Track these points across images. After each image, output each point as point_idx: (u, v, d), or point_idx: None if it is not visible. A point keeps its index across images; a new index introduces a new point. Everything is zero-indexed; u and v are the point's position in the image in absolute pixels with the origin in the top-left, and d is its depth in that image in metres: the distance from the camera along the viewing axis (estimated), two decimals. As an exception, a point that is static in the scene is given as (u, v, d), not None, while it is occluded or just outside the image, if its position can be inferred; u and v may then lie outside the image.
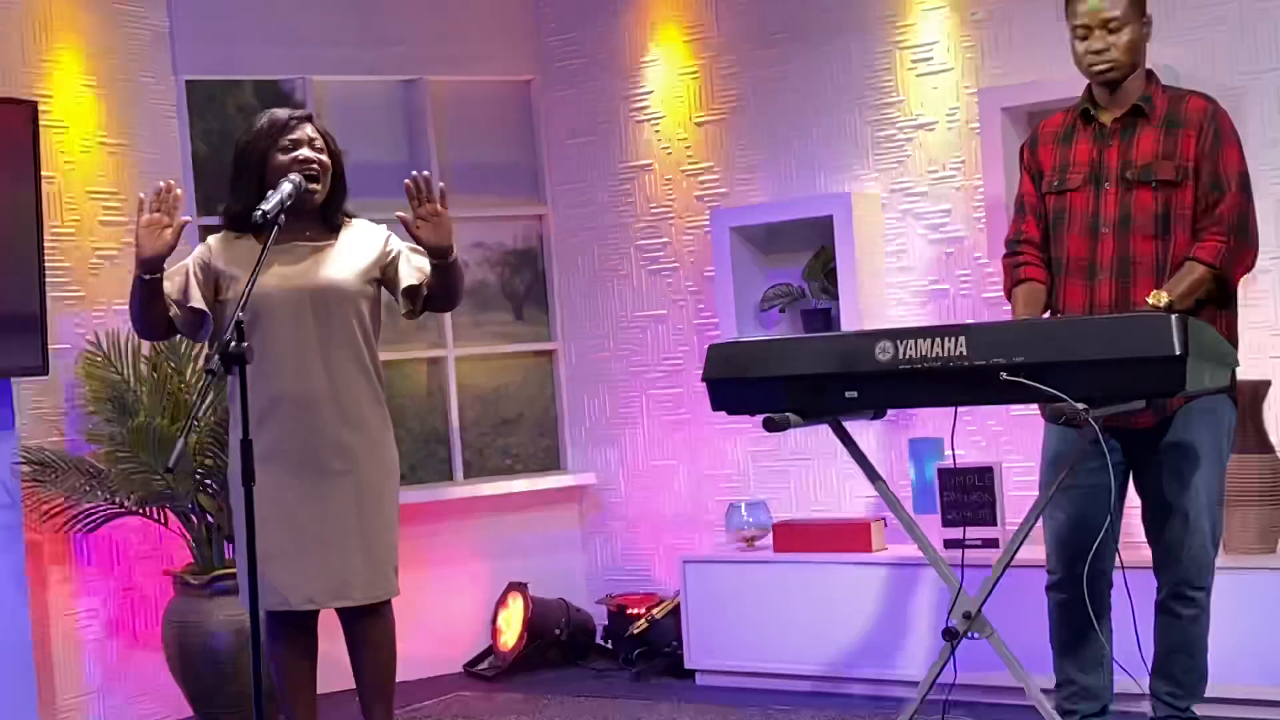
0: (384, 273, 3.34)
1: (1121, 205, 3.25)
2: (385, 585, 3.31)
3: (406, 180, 3.13)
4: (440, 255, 3.22)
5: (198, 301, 3.21)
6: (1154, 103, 3.28)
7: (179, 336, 3.50)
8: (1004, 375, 2.84)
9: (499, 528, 5.51)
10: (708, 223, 5.26)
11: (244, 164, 3.26)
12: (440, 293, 3.30)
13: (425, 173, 3.15)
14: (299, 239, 3.27)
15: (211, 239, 3.31)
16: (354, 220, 3.38)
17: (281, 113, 3.29)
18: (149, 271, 3.09)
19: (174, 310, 3.22)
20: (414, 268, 3.34)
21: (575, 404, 5.67)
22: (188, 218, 3.16)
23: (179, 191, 3.10)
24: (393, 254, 3.36)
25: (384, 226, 3.39)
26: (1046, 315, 3.38)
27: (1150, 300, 3.14)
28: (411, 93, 5.55)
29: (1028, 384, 2.81)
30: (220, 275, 3.24)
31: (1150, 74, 3.33)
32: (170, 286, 3.23)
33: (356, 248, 3.33)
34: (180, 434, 2.68)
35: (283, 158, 3.22)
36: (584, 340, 5.65)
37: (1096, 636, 3.35)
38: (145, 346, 4.59)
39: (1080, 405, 2.77)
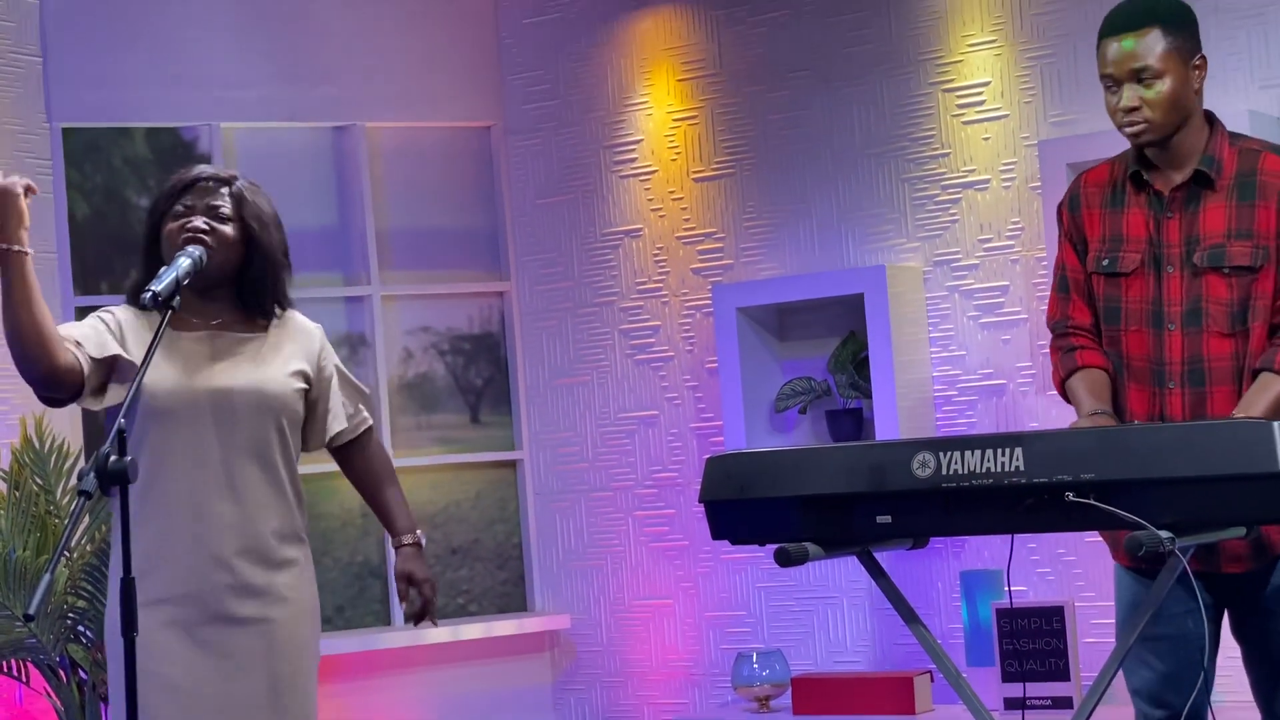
0: (310, 388, 3.36)
1: (1189, 295, 3.22)
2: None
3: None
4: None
5: (114, 348, 3.20)
6: (1221, 164, 3.23)
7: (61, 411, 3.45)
8: (1069, 496, 2.85)
9: (449, 684, 5.49)
10: (709, 302, 5.30)
11: (146, 231, 3.32)
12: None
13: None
14: (212, 325, 3.29)
15: (119, 309, 3.31)
16: (289, 313, 3.39)
17: (195, 171, 3.33)
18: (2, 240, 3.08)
19: (82, 361, 3.17)
20: (342, 401, 3.41)
21: (545, 528, 5.68)
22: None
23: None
24: (326, 370, 3.39)
25: (319, 327, 3.42)
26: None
27: None
28: (343, 142, 5.62)
29: (1098, 507, 2.82)
30: (120, 356, 3.23)
31: (1213, 122, 3.28)
32: (77, 332, 3.21)
33: (290, 346, 3.34)
34: (46, 569, 2.67)
35: (171, 225, 3.26)
36: (556, 448, 5.66)
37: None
38: (4, 459, 4.59)
39: (1164, 533, 2.79)
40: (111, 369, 3.19)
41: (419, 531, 3.49)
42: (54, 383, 3.12)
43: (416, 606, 3.45)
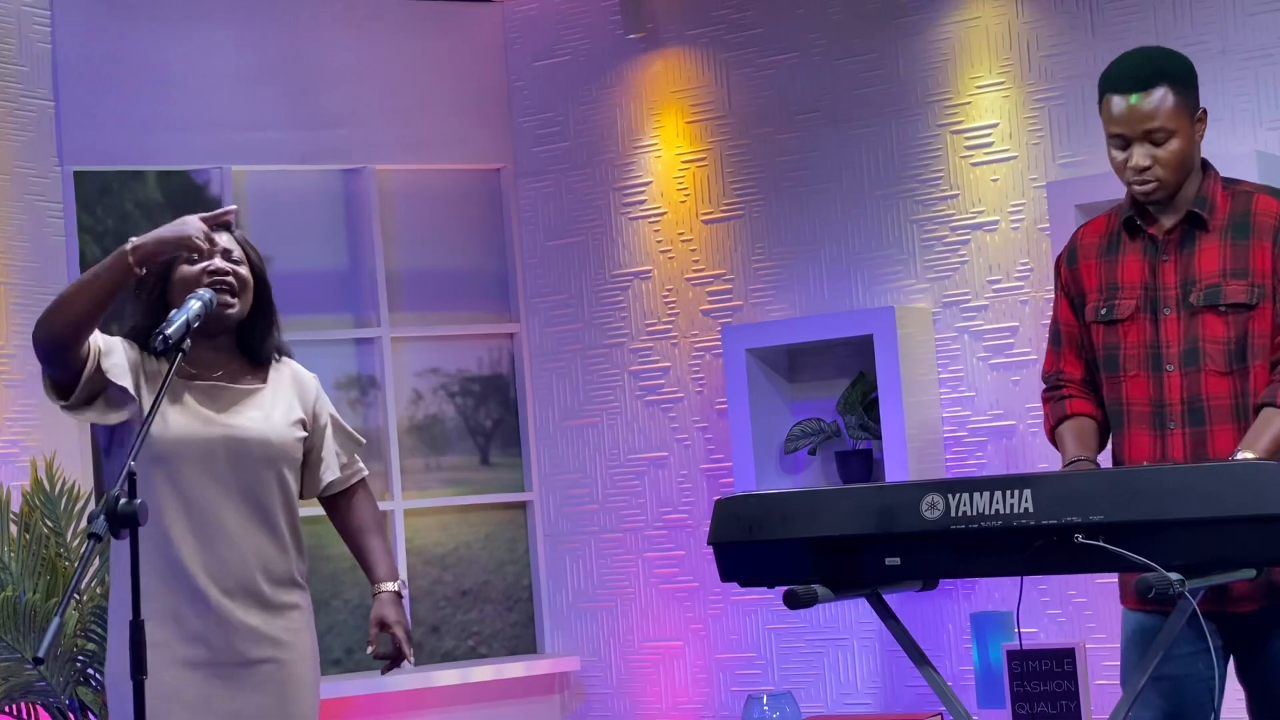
0: (308, 435, 3.39)
1: (1187, 335, 3.23)
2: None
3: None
4: None
5: (128, 382, 3.20)
6: (1214, 204, 3.26)
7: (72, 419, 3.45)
8: (1079, 538, 2.85)
9: (458, 726, 5.48)
10: (718, 343, 5.31)
11: (148, 276, 3.31)
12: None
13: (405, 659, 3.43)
14: (215, 375, 3.31)
15: (127, 343, 3.32)
16: (284, 360, 3.42)
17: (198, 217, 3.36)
18: (144, 262, 3.12)
19: (92, 357, 3.18)
20: (335, 451, 3.42)
21: (555, 569, 5.68)
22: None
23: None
24: (321, 419, 3.42)
25: (314, 376, 3.44)
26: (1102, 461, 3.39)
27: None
28: (354, 185, 5.65)
29: (1108, 549, 2.82)
30: (126, 391, 3.24)
31: (1206, 167, 3.30)
32: (103, 340, 3.22)
33: (289, 394, 3.37)
34: (56, 612, 2.68)
35: (189, 268, 3.27)
36: (565, 490, 5.67)
37: None
38: (15, 501, 4.60)
39: (1174, 575, 2.78)
40: (106, 387, 3.21)
41: (400, 582, 3.47)
42: (63, 360, 3.16)
43: (388, 648, 3.40)
